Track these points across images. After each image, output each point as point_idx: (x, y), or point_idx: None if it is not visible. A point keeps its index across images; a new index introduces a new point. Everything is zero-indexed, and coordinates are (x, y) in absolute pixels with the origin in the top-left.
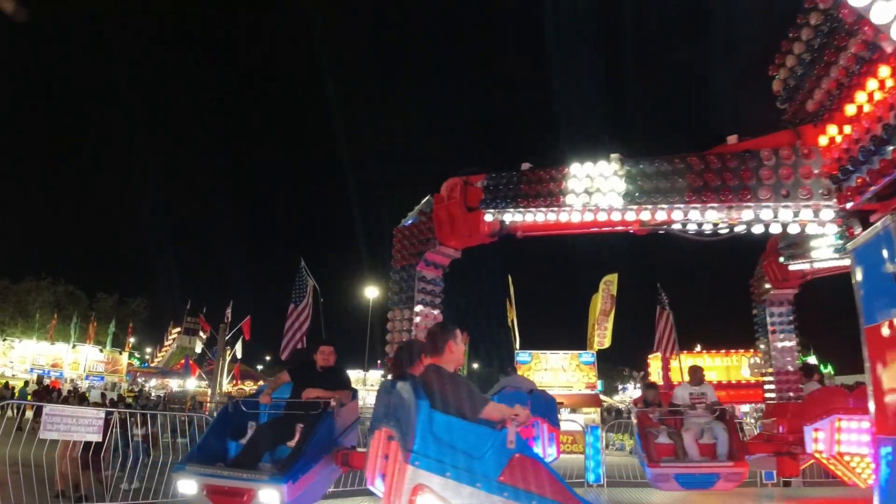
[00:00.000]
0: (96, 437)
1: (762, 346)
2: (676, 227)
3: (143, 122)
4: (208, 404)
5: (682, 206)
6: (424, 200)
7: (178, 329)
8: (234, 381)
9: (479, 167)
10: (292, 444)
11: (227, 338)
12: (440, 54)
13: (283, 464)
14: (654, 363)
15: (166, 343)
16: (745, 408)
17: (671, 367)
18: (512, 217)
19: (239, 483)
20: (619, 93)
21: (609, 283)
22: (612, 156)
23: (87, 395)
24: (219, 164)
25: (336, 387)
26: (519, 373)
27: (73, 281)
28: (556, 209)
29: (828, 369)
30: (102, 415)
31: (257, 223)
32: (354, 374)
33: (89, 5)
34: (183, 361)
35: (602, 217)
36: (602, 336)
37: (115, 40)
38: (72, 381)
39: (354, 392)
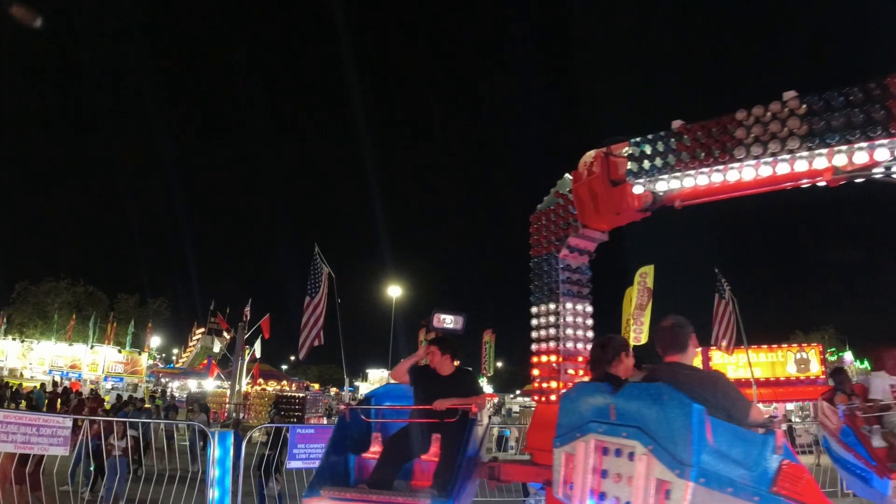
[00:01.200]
0: (61, 451)
1: None
2: (879, 171)
3: (164, 118)
4: (227, 405)
5: (886, 141)
6: (561, 181)
7: (202, 329)
8: (253, 382)
9: (621, 136)
10: (428, 457)
11: (245, 337)
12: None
13: (440, 482)
14: (695, 360)
15: (190, 344)
16: (789, 406)
17: (713, 364)
18: (667, 185)
19: None
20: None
21: (645, 276)
22: (786, 94)
23: (106, 397)
24: (243, 161)
25: (469, 393)
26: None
27: (94, 282)
28: (721, 168)
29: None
30: (69, 423)
31: (280, 221)
32: (378, 374)
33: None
34: (205, 362)
35: (783, 169)
36: (638, 332)
37: (140, 34)
38: (91, 382)
39: None
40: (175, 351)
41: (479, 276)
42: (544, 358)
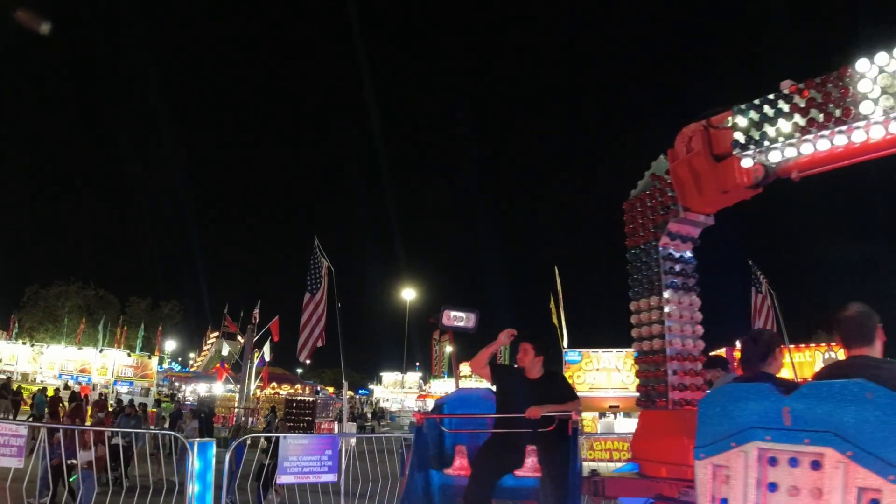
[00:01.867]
0: (15, 462)
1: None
2: None
3: (176, 121)
4: (236, 409)
5: None
6: (656, 162)
7: (216, 333)
8: (263, 385)
9: (720, 106)
10: (523, 472)
11: (255, 340)
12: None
13: (550, 502)
14: None
15: (205, 347)
16: None
17: (738, 363)
18: (781, 155)
19: None
20: None
21: None
22: None
23: (108, 402)
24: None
25: (564, 398)
26: (568, 374)
27: (105, 286)
28: (844, 129)
29: None
30: (24, 431)
31: (293, 223)
32: (392, 377)
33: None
34: (218, 366)
35: None
36: None
37: (150, 39)
38: (100, 386)
39: None
40: (192, 355)
41: (493, 277)
42: (648, 359)
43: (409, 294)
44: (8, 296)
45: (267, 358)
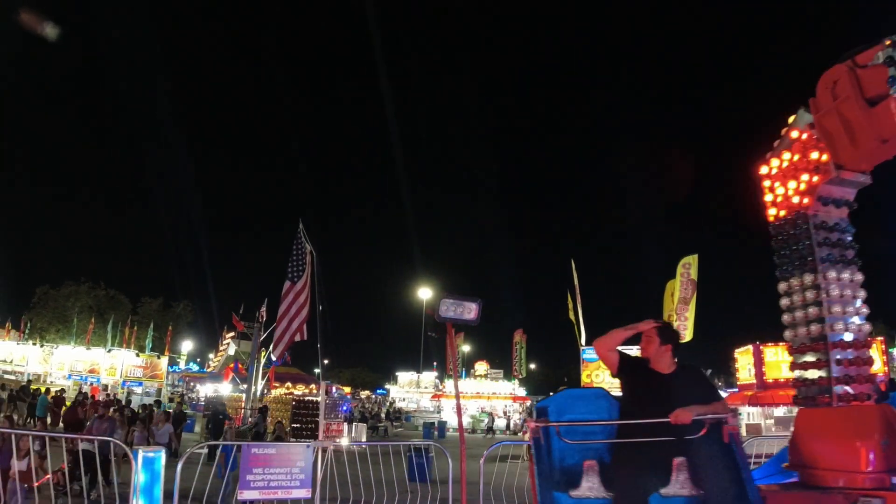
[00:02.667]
0: None
1: None
2: None
3: (185, 122)
4: (242, 410)
5: None
6: (795, 116)
7: (232, 333)
8: (269, 386)
9: (865, 44)
10: (671, 491)
11: (262, 338)
12: None
13: None
14: (743, 358)
15: (220, 347)
16: None
17: (766, 361)
18: None
19: None
20: None
21: (688, 266)
22: None
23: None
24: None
25: (708, 398)
26: (585, 373)
27: (118, 286)
28: None
29: None
30: None
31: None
32: (408, 376)
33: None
34: (232, 365)
35: None
36: (683, 328)
37: (162, 45)
38: (107, 387)
39: None
40: (210, 356)
41: (509, 275)
42: (804, 348)
43: (425, 293)
44: (19, 297)
45: (274, 357)
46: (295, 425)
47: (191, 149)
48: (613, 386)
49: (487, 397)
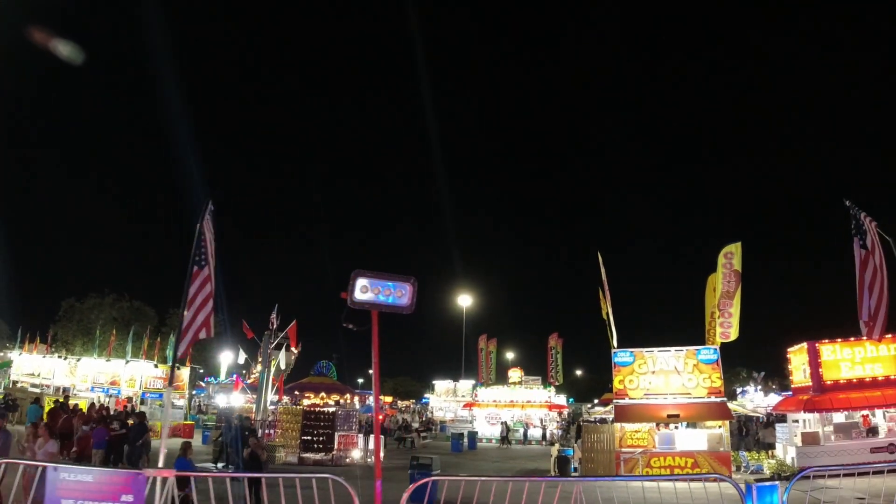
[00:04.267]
0: None
1: None
2: None
3: (205, 127)
4: (256, 418)
5: None
6: None
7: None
8: (279, 397)
9: None
10: None
11: (271, 347)
12: None
13: None
14: (797, 358)
15: (260, 358)
16: None
17: (823, 361)
18: None
19: None
20: None
21: (731, 256)
22: None
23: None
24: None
25: None
26: (618, 378)
27: (147, 298)
28: None
29: None
30: None
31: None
32: (445, 385)
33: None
34: (256, 377)
35: None
36: (727, 326)
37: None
38: (131, 399)
39: None
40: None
41: (544, 278)
42: None
43: (465, 301)
44: (46, 310)
45: (282, 366)
46: (305, 437)
47: (223, 160)
48: (650, 393)
49: (522, 406)
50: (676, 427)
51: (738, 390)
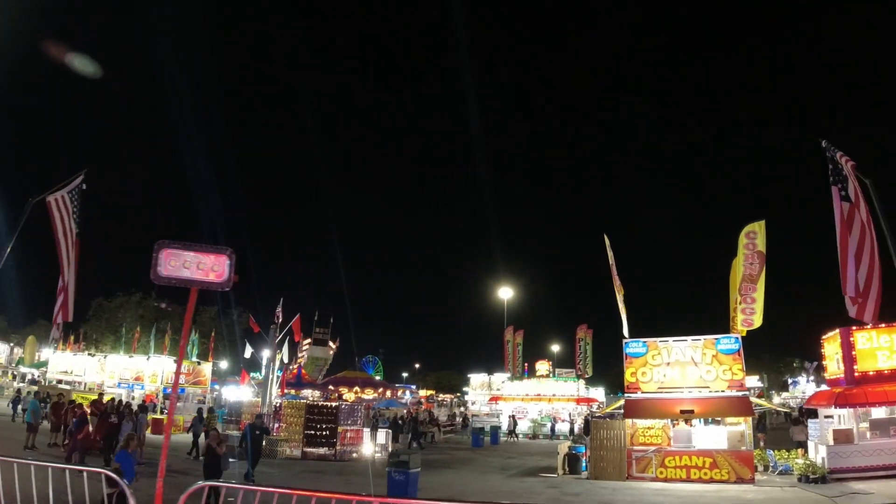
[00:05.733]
0: None
1: None
2: None
3: (228, 128)
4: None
5: None
6: None
7: (309, 340)
8: (281, 390)
9: None
10: None
11: (277, 339)
12: None
13: None
14: (830, 346)
15: (299, 355)
16: None
17: (858, 349)
18: None
19: None
20: None
21: (753, 236)
22: None
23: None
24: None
25: None
26: (629, 370)
27: (172, 295)
28: None
29: None
30: None
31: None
32: (480, 378)
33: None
34: (305, 373)
35: None
36: (750, 312)
37: (211, 56)
38: (157, 394)
39: None
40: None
41: (573, 269)
42: None
43: (506, 293)
44: (78, 308)
45: (286, 360)
46: (309, 432)
47: (247, 156)
48: (664, 386)
49: (549, 399)
50: (692, 423)
51: (790, 381)
